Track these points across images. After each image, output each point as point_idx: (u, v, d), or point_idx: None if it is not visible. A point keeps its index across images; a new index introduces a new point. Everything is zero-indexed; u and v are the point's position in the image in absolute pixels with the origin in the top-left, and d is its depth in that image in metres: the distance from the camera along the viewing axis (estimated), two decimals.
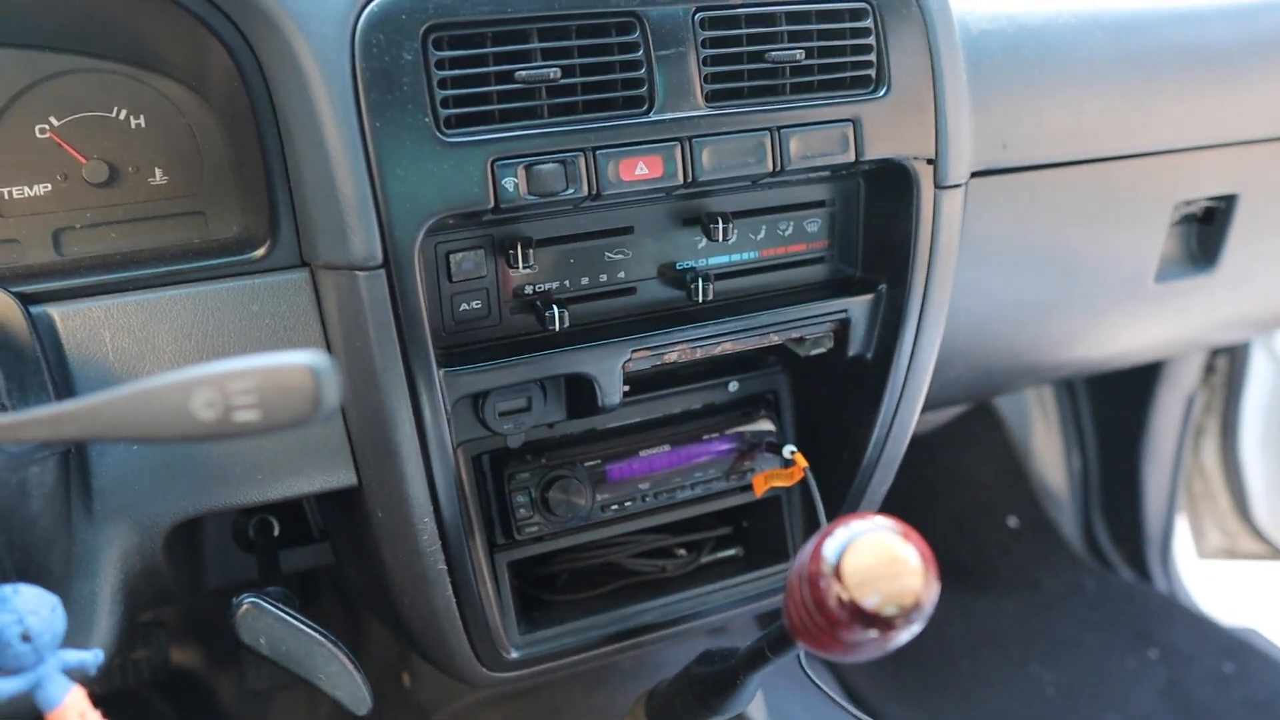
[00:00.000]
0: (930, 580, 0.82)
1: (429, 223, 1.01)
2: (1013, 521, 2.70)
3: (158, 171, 1.12)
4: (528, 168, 1.03)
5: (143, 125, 1.12)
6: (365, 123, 0.98)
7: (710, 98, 1.12)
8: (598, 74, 1.07)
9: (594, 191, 1.06)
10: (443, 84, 1.01)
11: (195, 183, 1.13)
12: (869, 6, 1.19)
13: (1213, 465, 2.76)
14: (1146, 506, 2.66)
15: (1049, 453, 2.72)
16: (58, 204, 1.10)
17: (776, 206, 1.27)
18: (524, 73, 1.03)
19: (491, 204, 1.03)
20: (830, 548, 0.84)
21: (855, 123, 1.18)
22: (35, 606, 0.81)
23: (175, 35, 1.03)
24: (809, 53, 1.16)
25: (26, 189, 1.09)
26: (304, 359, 0.65)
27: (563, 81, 1.05)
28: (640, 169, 1.08)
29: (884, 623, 0.81)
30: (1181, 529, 2.74)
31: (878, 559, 0.82)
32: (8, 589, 0.81)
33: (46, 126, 1.09)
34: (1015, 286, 1.53)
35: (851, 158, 1.19)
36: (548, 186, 1.04)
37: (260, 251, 1.07)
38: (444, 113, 1.01)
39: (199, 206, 1.14)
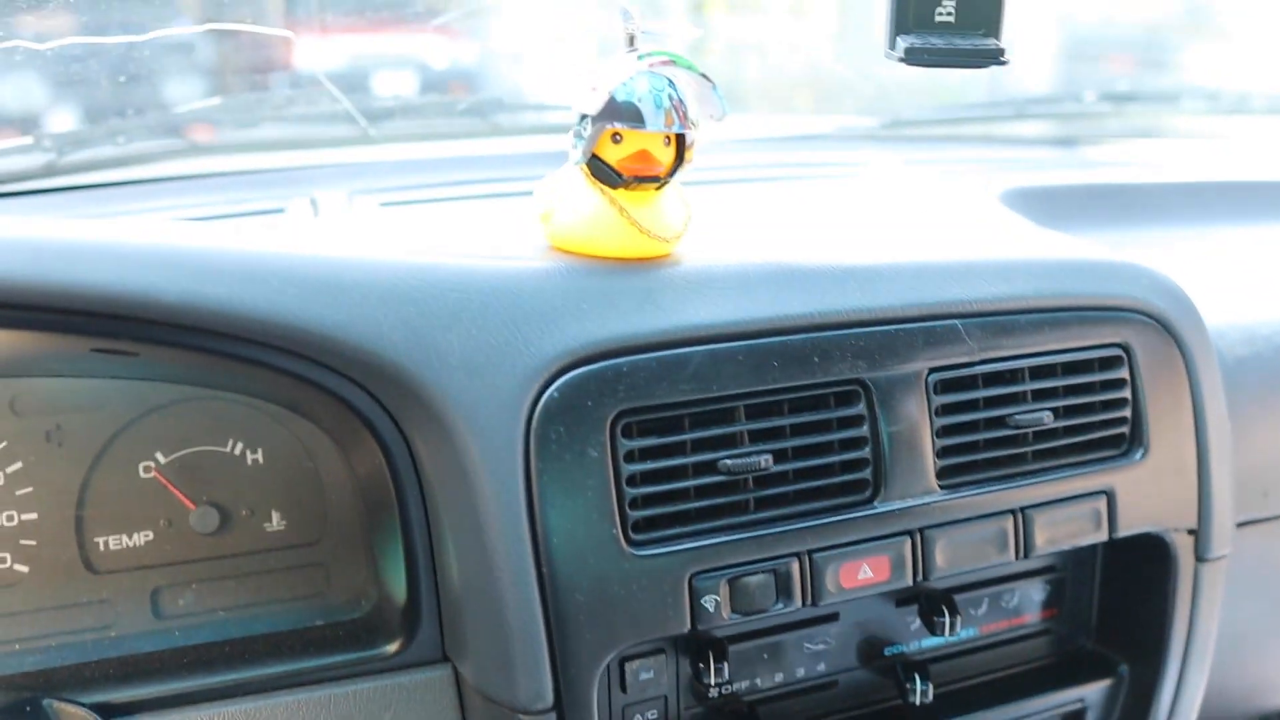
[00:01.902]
0: None
1: (611, 657, 0.81)
2: None
3: (274, 515, 0.95)
4: (732, 581, 0.84)
5: (260, 461, 0.95)
6: (540, 538, 0.80)
7: (943, 476, 0.92)
8: (814, 457, 0.88)
9: (808, 603, 0.87)
10: (632, 481, 0.82)
11: (317, 531, 0.96)
12: (1123, 354, 0.99)
13: None
14: None
15: None
16: (159, 555, 0.93)
17: (1003, 577, 1.05)
18: (730, 461, 0.84)
19: (688, 627, 0.83)
20: None
21: (1108, 495, 0.98)
22: None
23: (323, 403, 0.86)
24: (1055, 413, 0.96)
25: (125, 538, 0.93)
26: None
27: (773, 469, 0.86)
28: (864, 572, 0.88)
29: None
30: None
31: None
32: None
33: (151, 464, 0.93)
34: (1257, 625, 1.30)
35: (1104, 536, 0.99)
36: (755, 603, 0.85)
37: (393, 646, 0.88)
38: (633, 515, 0.82)
39: (320, 559, 0.97)
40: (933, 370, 0.92)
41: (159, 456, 0.93)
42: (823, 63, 2.04)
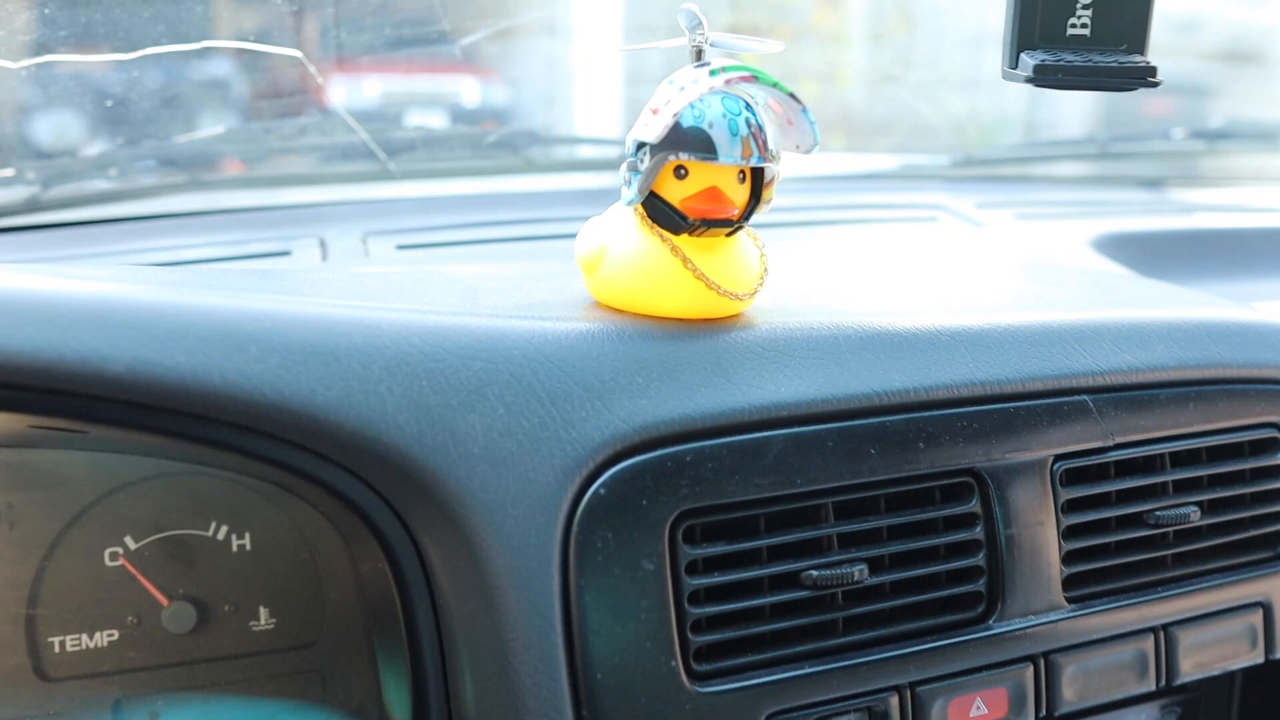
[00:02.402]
0: None
1: None
2: None
3: (262, 612, 0.80)
4: None
5: (247, 548, 0.80)
6: (579, 670, 0.64)
7: (1070, 586, 0.76)
8: (917, 565, 0.72)
9: None
10: (695, 598, 0.66)
11: (313, 632, 0.80)
12: (1279, 435, 0.82)
13: None
14: None
15: None
16: (123, 660, 0.78)
17: (1125, 699, 0.88)
18: (816, 573, 0.68)
19: None
20: None
21: (1265, 606, 0.83)
22: None
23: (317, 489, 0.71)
24: (1201, 508, 0.79)
25: (84, 638, 0.77)
26: None
27: (868, 581, 0.69)
28: (977, 708, 0.72)
29: None
30: None
31: None
32: None
33: (119, 551, 0.78)
34: None
35: (1260, 658, 0.83)
36: None
37: None
38: (696, 642, 0.66)
39: (315, 664, 0.81)
40: (1059, 458, 0.76)
41: (128, 542, 0.78)
42: (881, 94, 1.89)
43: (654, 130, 0.65)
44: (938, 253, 1.09)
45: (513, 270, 0.90)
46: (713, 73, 0.66)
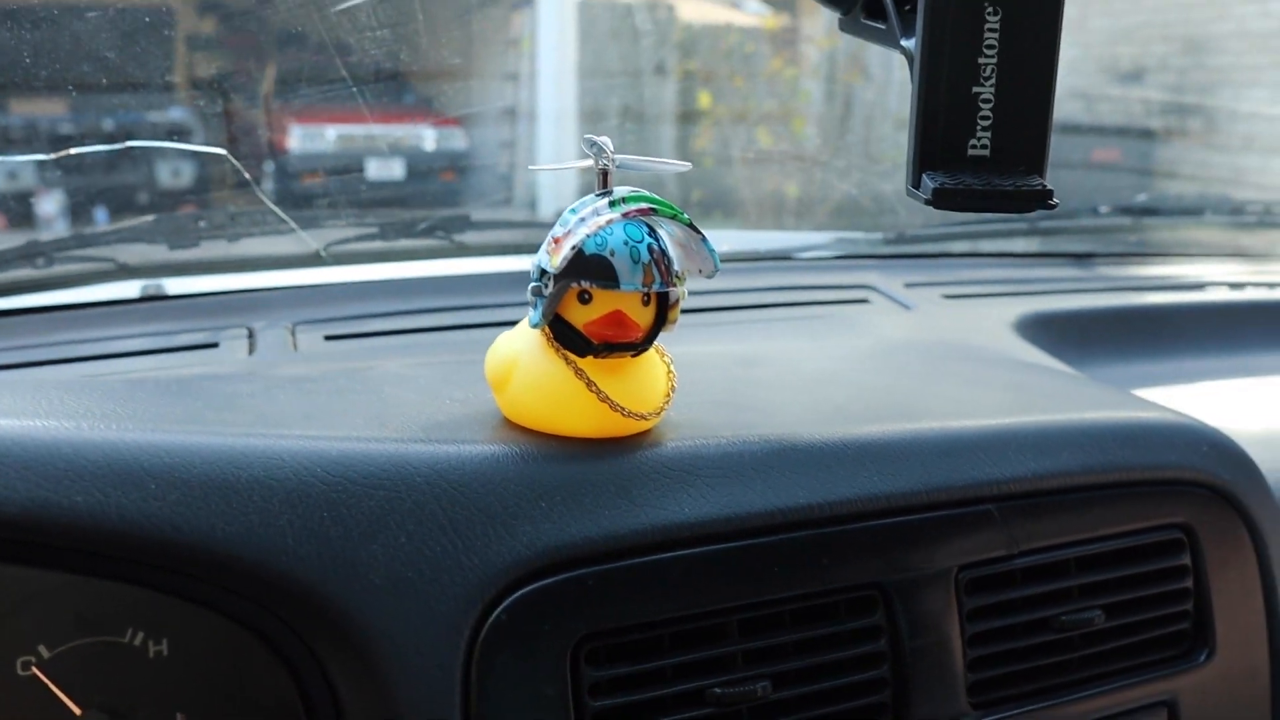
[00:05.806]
0: None
1: None
2: None
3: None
4: None
5: (164, 654, 0.78)
6: None
7: (975, 692, 0.77)
8: (823, 679, 0.73)
9: None
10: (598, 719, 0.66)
11: None
12: (1183, 536, 0.84)
13: None
14: None
15: None
16: None
17: None
18: (720, 690, 0.69)
19: None
20: None
21: (1170, 705, 0.84)
22: None
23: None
24: (1106, 611, 0.81)
25: None
26: None
27: (773, 697, 0.70)
28: None
29: None
30: None
31: None
32: None
33: (32, 659, 0.76)
34: None
35: None
36: None
37: None
38: None
39: None
40: (963, 568, 0.77)
41: (41, 650, 0.76)
42: (816, 173, 1.92)
43: (557, 258, 0.66)
44: (860, 346, 1.11)
45: (431, 374, 0.90)
46: (613, 204, 0.67)
